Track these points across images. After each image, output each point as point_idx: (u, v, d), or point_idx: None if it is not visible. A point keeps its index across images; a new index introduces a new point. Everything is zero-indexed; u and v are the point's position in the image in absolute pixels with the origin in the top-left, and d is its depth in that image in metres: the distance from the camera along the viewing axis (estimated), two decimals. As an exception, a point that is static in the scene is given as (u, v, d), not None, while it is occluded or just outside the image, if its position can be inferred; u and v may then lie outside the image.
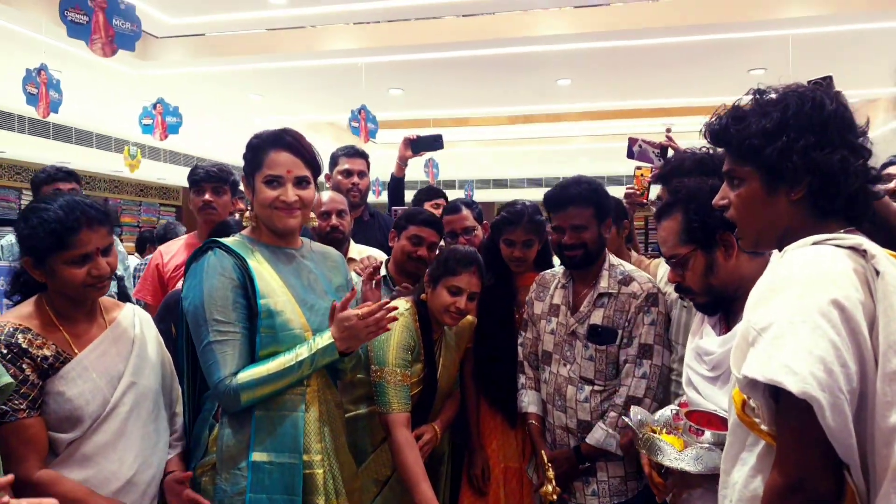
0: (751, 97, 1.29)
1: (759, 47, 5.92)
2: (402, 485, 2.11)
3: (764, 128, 1.22)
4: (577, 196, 2.21)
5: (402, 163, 3.63)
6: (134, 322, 1.87)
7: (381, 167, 5.35)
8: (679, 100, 8.01)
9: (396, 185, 3.72)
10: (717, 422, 1.59)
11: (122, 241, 9.14)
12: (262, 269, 1.82)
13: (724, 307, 1.77)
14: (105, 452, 1.70)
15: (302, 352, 1.77)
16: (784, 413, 1.09)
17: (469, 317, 2.45)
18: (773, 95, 1.25)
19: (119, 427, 1.73)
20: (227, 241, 1.86)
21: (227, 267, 1.78)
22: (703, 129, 1.34)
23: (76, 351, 1.71)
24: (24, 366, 1.61)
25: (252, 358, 1.79)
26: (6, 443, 1.56)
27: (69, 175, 3.58)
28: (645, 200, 2.74)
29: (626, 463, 2.19)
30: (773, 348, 1.07)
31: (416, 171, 8.09)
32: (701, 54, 6.22)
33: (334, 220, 2.77)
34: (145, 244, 6.43)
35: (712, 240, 1.71)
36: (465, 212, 2.99)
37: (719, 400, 1.64)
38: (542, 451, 2.13)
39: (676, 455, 1.55)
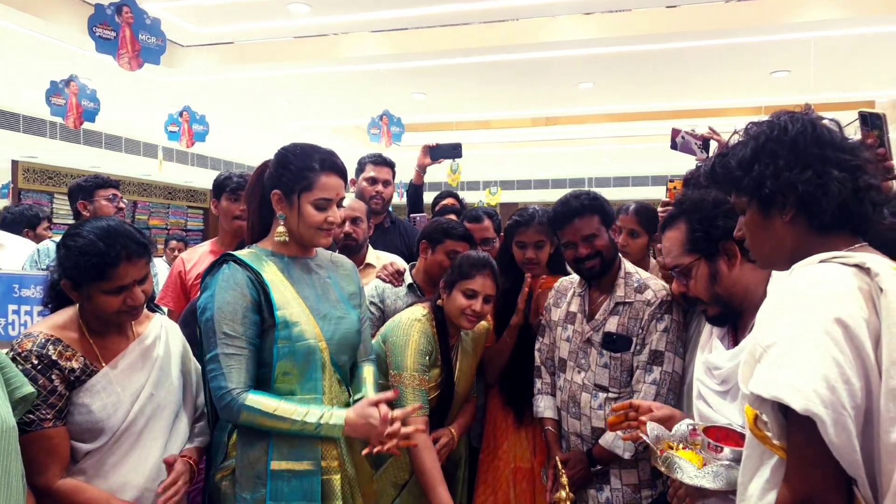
0: (738, 136, 1.36)
1: (782, 50, 5.88)
2: (420, 488, 2.14)
3: (741, 159, 1.29)
4: (581, 207, 2.24)
5: (421, 170, 3.65)
6: (160, 334, 1.89)
7: (402, 170, 5.39)
8: (702, 102, 7.97)
9: (415, 193, 3.73)
10: (736, 437, 1.58)
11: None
12: (277, 281, 1.84)
13: (733, 319, 1.77)
14: (122, 462, 1.73)
15: (312, 414, 1.77)
16: (791, 429, 1.10)
17: (484, 322, 2.48)
18: (754, 129, 1.32)
19: (136, 438, 1.75)
20: (240, 254, 1.88)
21: (239, 281, 1.80)
22: (701, 174, 1.41)
23: (103, 364, 1.74)
24: (54, 377, 1.65)
25: (262, 373, 1.82)
26: (29, 451, 1.58)
27: (108, 183, 3.64)
28: (680, 198, 2.73)
29: (640, 470, 2.19)
30: (777, 366, 1.09)
31: (439, 172, 8.13)
32: (723, 57, 6.18)
33: (348, 226, 2.77)
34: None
35: (715, 249, 1.73)
36: (486, 222, 3.01)
37: (730, 413, 1.65)
38: (556, 457, 2.14)
39: (695, 473, 1.54)
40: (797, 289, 1.15)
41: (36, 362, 1.64)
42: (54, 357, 1.66)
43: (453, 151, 3.62)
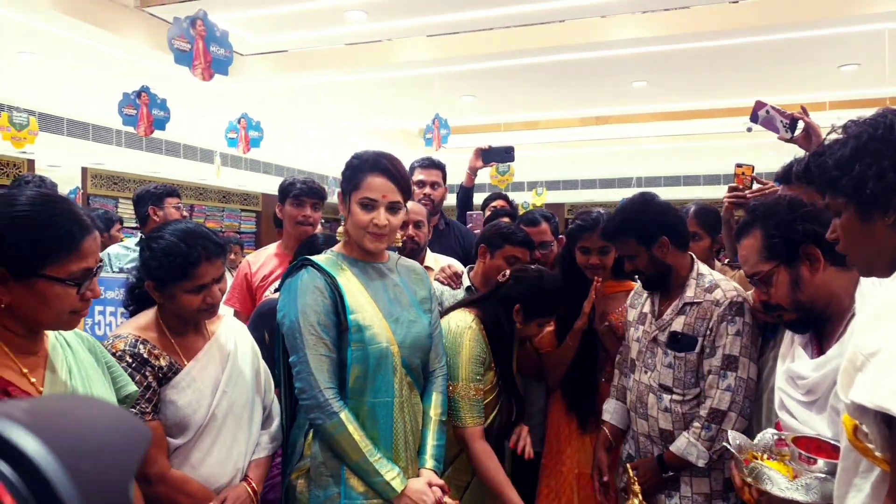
0: (835, 134, 1.30)
1: (852, 42, 5.69)
2: (482, 488, 2.18)
3: (839, 159, 1.23)
4: (614, 232, 2.26)
5: (472, 173, 3.64)
6: (231, 333, 1.97)
7: (452, 172, 5.44)
8: (765, 98, 7.75)
9: (465, 195, 3.74)
10: (829, 449, 1.51)
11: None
12: (351, 286, 1.90)
13: (816, 326, 1.72)
14: (206, 457, 1.81)
15: (383, 465, 1.82)
16: (895, 440, 1.06)
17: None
18: (854, 128, 1.26)
19: (217, 433, 1.83)
20: (318, 259, 1.94)
21: (319, 286, 1.86)
22: (794, 172, 1.38)
23: (185, 361, 1.82)
24: (147, 374, 1.74)
25: (342, 373, 1.87)
26: None
27: (175, 191, 3.80)
28: (748, 200, 2.56)
29: (712, 480, 2.16)
30: (881, 374, 1.04)
31: (485, 173, 8.13)
32: (786, 52, 6.02)
33: (411, 230, 2.81)
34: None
35: (795, 254, 1.67)
36: (544, 225, 2.99)
37: (815, 425, 1.59)
38: (628, 465, 2.14)
39: (787, 485, 1.48)
40: None
41: (130, 360, 1.73)
42: (145, 355, 1.76)
43: (506, 155, 3.61)
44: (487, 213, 3.87)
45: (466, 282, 2.71)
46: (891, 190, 1.17)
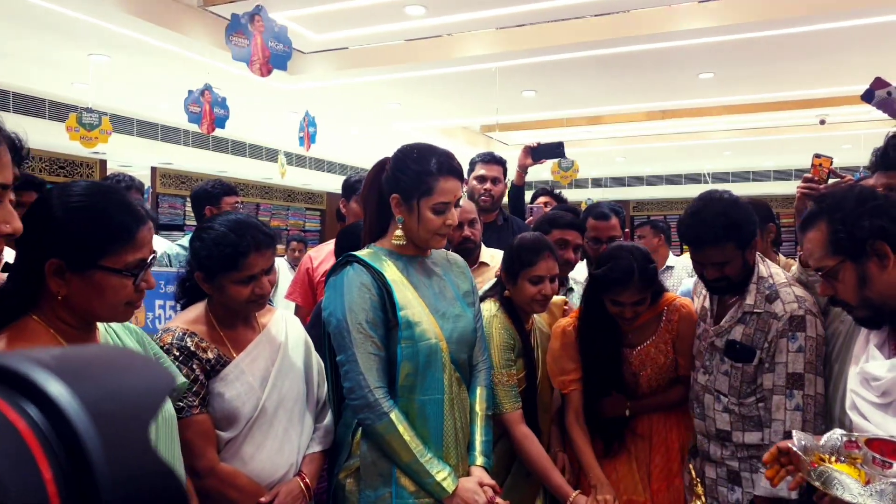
0: None
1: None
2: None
3: None
4: (714, 236, 2.04)
5: (522, 171, 3.59)
6: (282, 327, 1.96)
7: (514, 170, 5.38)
8: (834, 89, 7.40)
9: (517, 194, 3.69)
10: None
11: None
12: (398, 281, 1.88)
13: (891, 322, 1.63)
14: (258, 452, 1.80)
15: (433, 465, 1.80)
16: None
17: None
18: None
19: (268, 427, 1.82)
20: (361, 254, 1.92)
21: (365, 282, 1.84)
22: (873, 159, 1.29)
23: (234, 354, 1.82)
24: (195, 366, 1.75)
25: (391, 371, 1.86)
26: (184, 436, 1.66)
27: (232, 189, 3.85)
28: (820, 195, 2.50)
29: None
30: None
31: (544, 171, 8.04)
32: (861, 39, 5.71)
33: (466, 230, 2.79)
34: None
35: (862, 250, 1.59)
36: (614, 220, 2.99)
37: (890, 427, 1.52)
38: (690, 465, 2.07)
39: (860, 490, 1.39)
40: None
41: (178, 353, 1.74)
42: (192, 348, 1.76)
43: (556, 151, 3.53)
44: (545, 208, 3.82)
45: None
46: None
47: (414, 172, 1.87)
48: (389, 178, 1.92)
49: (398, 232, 1.91)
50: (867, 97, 2.50)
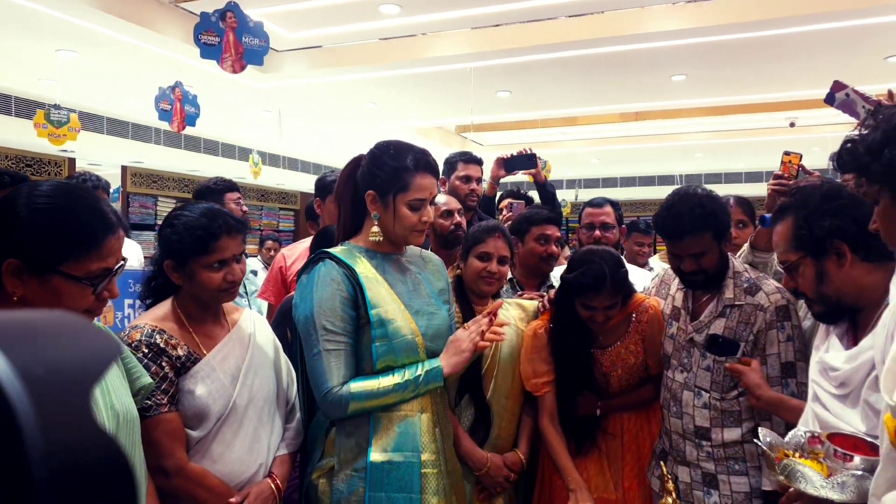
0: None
1: (899, 32, 5.46)
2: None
3: (870, 144, 1.21)
4: (692, 226, 2.04)
5: (495, 182, 3.57)
6: (251, 325, 1.93)
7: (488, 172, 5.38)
8: (804, 92, 7.53)
9: (488, 205, 3.68)
10: (865, 447, 1.45)
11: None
12: (371, 278, 1.85)
13: (850, 317, 1.65)
14: (228, 451, 1.76)
15: (410, 372, 1.81)
16: None
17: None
18: (886, 112, 1.25)
19: (239, 425, 1.78)
20: (335, 251, 1.89)
21: (336, 278, 1.81)
22: (831, 161, 1.35)
23: (204, 351, 1.78)
24: (164, 364, 1.71)
25: (361, 368, 1.83)
26: (151, 435, 1.63)
27: (234, 186, 3.77)
28: (793, 189, 2.53)
29: (751, 478, 2.08)
30: None
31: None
32: (829, 43, 5.82)
33: (457, 217, 2.78)
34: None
35: (822, 248, 1.62)
36: (608, 208, 3.17)
37: (850, 418, 1.53)
38: (662, 463, 2.06)
39: (822, 483, 1.41)
40: None
41: (146, 351, 1.70)
42: (162, 345, 1.72)
43: (528, 162, 3.48)
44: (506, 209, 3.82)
45: (508, 274, 2.66)
46: None
47: (390, 168, 1.85)
48: (365, 174, 1.89)
49: (374, 228, 1.89)
50: (829, 100, 2.54)
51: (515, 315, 2.41)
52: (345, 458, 1.81)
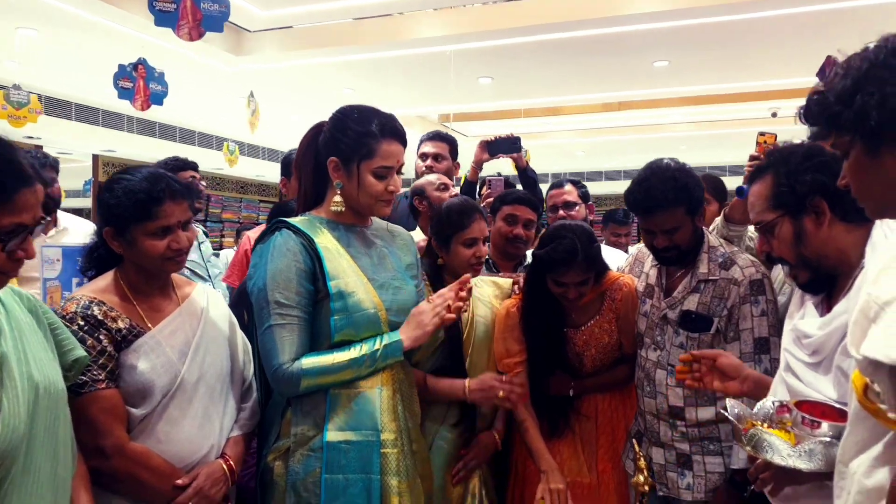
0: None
1: (892, 14, 5.35)
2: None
3: (840, 92, 1.15)
4: (664, 199, 2.02)
5: (478, 166, 3.48)
6: (205, 299, 1.86)
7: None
8: (792, 80, 7.44)
9: (469, 190, 3.62)
10: (834, 414, 1.44)
11: (223, 236, 9.52)
12: (332, 249, 1.78)
13: (828, 286, 1.62)
14: (175, 430, 1.69)
15: (367, 346, 1.74)
16: None
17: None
18: (855, 60, 1.17)
19: (188, 403, 1.71)
20: (294, 220, 1.81)
21: (292, 248, 1.74)
22: (797, 114, 1.28)
23: (150, 325, 1.70)
24: (102, 337, 1.62)
25: (320, 343, 1.76)
26: (87, 413, 1.56)
27: (187, 164, 3.65)
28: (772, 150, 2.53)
29: (725, 457, 2.06)
30: None
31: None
32: (819, 26, 5.72)
33: (454, 191, 2.79)
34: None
35: (801, 206, 1.59)
36: (568, 187, 3.18)
37: (822, 386, 1.52)
38: (635, 441, 1.98)
39: (790, 451, 1.39)
40: None
41: (82, 323, 1.61)
42: (100, 317, 1.63)
43: (512, 146, 3.40)
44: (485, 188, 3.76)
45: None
46: None
47: (355, 133, 1.78)
48: (328, 141, 1.82)
49: (336, 198, 1.81)
50: (820, 75, 2.55)
51: (490, 293, 2.35)
52: (300, 437, 1.73)
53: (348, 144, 1.78)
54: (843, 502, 1.14)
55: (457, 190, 2.85)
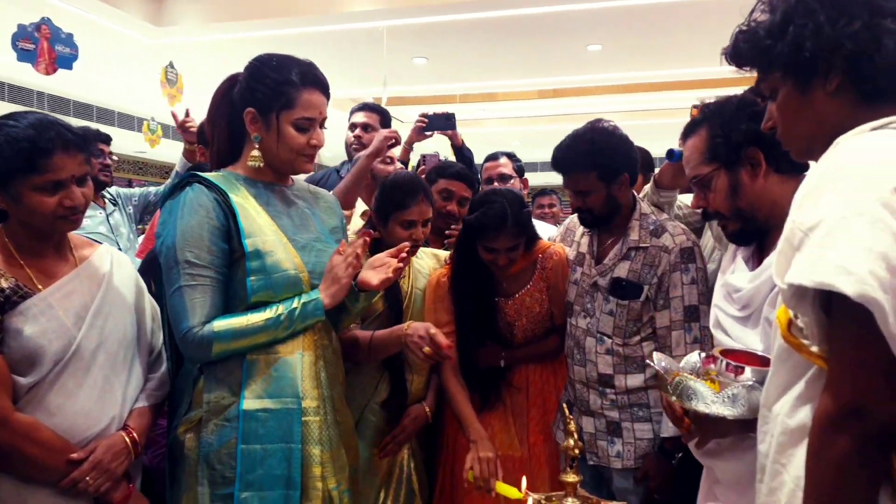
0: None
1: None
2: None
3: (769, 26, 1.15)
4: (575, 161, 2.05)
5: (409, 146, 3.37)
6: (107, 261, 1.73)
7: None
8: (731, 67, 7.56)
9: None
10: (756, 361, 1.45)
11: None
12: (248, 206, 1.68)
13: (758, 238, 1.64)
14: (69, 401, 1.57)
15: (285, 306, 1.66)
16: (837, 324, 0.97)
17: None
18: None
19: (85, 373, 1.59)
20: (208, 175, 1.70)
21: (204, 204, 1.64)
22: (723, 56, 1.28)
23: (40, 287, 1.58)
24: None
25: (235, 307, 1.67)
26: None
27: (98, 136, 3.49)
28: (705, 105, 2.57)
29: (654, 423, 2.06)
30: (823, 248, 0.95)
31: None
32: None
33: (397, 164, 2.80)
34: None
35: (737, 157, 1.61)
36: (504, 160, 3.22)
37: (749, 340, 1.55)
38: (565, 406, 1.90)
39: (714, 398, 1.40)
40: (844, 160, 1.02)
41: None
42: None
43: (447, 122, 3.30)
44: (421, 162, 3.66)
45: None
46: (830, 47, 1.07)
47: (273, 82, 1.68)
48: (244, 90, 1.72)
49: (254, 152, 1.72)
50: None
51: (430, 265, 2.32)
52: (214, 407, 1.63)
53: (266, 94, 1.68)
54: (767, 446, 1.13)
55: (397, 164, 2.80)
